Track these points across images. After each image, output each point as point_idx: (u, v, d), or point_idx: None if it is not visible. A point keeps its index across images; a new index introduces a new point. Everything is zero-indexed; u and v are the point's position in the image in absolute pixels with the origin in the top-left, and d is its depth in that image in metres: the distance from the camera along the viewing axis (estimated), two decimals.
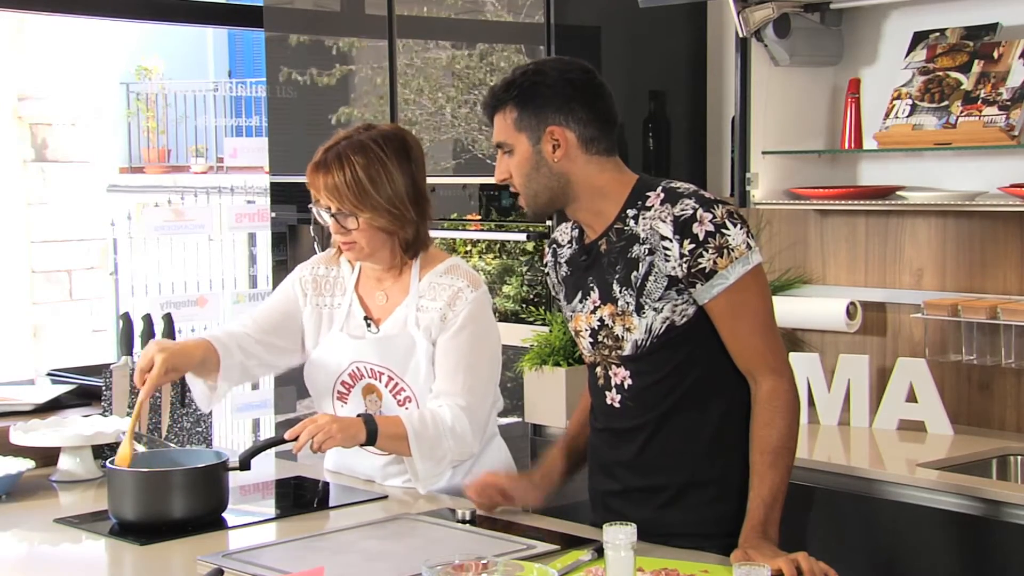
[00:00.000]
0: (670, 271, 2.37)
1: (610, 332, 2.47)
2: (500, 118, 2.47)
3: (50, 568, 2.54)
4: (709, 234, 2.34)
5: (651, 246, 2.39)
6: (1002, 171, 3.62)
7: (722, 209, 2.37)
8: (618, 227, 2.46)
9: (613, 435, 2.53)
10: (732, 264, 2.35)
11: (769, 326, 2.41)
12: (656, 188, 2.44)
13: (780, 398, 2.39)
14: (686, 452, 2.45)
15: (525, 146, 2.45)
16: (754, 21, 3.82)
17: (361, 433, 2.72)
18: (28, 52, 8.15)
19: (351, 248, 2.86)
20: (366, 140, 2.82)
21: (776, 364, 2.40)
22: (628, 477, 2.52)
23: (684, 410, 2.44)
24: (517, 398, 4.09)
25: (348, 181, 2.78)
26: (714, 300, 2.37)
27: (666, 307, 2.39)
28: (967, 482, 3.12)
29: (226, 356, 2.89)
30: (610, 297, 2.46)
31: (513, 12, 4.18)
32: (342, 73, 4.77)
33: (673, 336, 2.41)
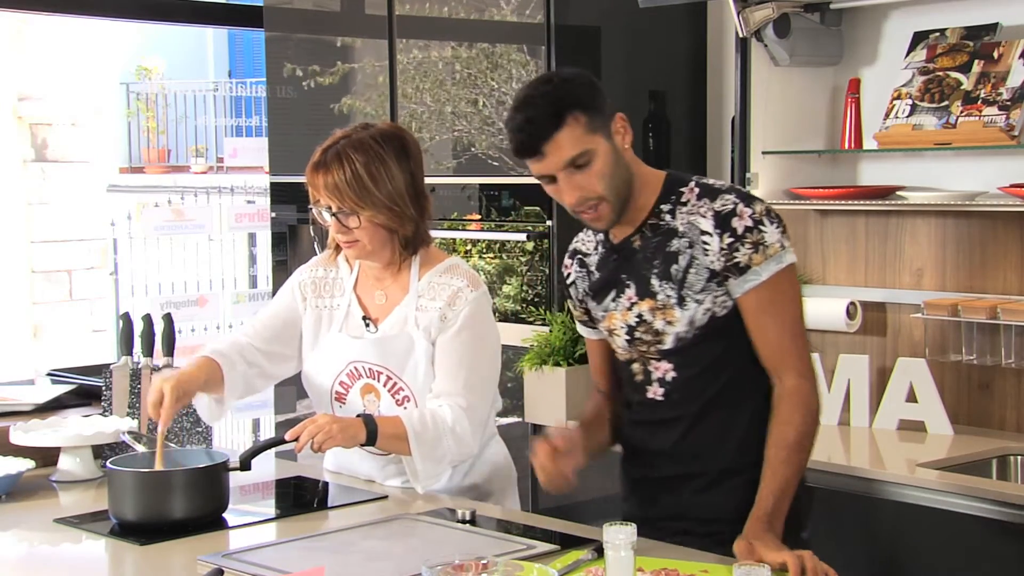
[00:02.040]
0: (710, 264, 2.38)
1: (649, 327, 2.46)
2: (567, 134, 2.35)
3: (50, 568, 2.54)
4: (747, 229, 2.36)
5: (691, 240, 2.40)
6: (1002, 171, 3.62)
7: (761, 206, 2.39)
8: (652, 222, 2.46)
9: (652, 425, 2.54)
10: (766, 261, 2.36)
11: (797, 326, 2.42)
12: (688, 183, 2.45)
13: (801, 397, 2.40)
14: (725, 439, 2.46)
15: (604, 146, 2.38)
16: (754, 21, 3.82)
17: (361, 433, 2.72)
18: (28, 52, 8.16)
19: (352, 247, 2.86)
20: (365, 138, 2.83)
21: (800, 366, 2.41)
22: (666, 465, 2.53)
23: (725, 398, 2.46)
24: (517, 398, 4.09)
25: (349, 179, 2.78)
26: (745, 295, 2.38)
27: (708, 298, 2.40)
28: (967, 482, 3.12)
29: (230, 370, 2.90)
30: (648, 292, 2.45)
31: (513, 12, 4.18)
32: (344, 71, 4.77)
33: (715, 327, 2.42)
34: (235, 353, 2.93)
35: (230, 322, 7.04)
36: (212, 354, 2.91)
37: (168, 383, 2.78)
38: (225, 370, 2.89)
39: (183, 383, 2.81)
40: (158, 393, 2.78)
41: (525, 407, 4.07)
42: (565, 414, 3.94)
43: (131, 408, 3.22)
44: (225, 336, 3.12)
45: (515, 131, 2.38)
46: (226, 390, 2.90)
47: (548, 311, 4.07)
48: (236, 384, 2.92)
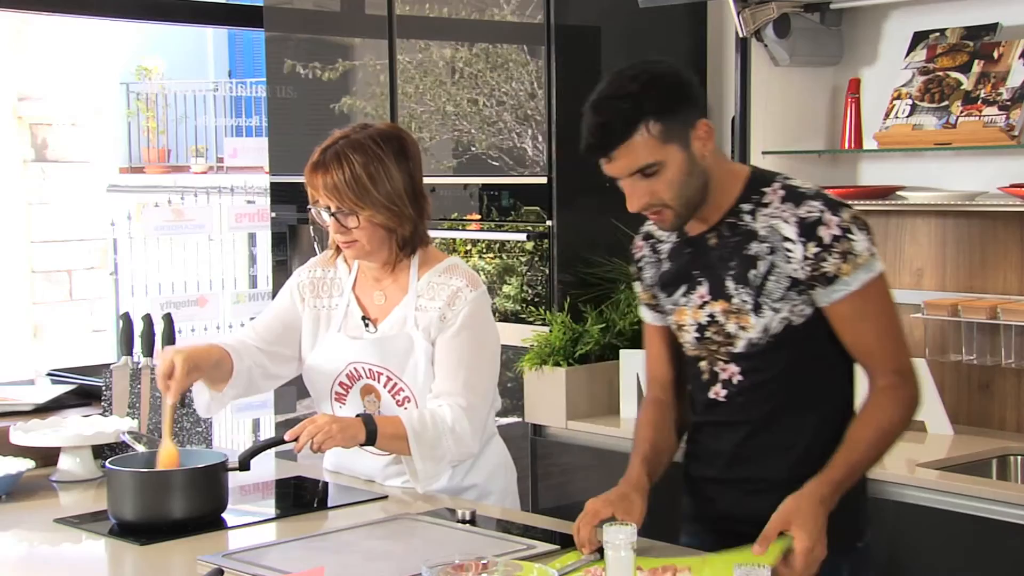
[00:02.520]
0: (792, 272, 2.30)
1: (720, 329, 2.39)
2: (639, 142, 2.27)
3: (50, 568, 2.54)
4: (835, 238, 2.27)
5: (772, 245, 2.32)
6: (1002, 171, 3.62)
7: (848, 213, 2.30)
8: (731, 221, 2.37)
9: (715, 427, 2.47)
10: (855, 270, 2.28)
11: (893, 330, 2.36)
12: (773, 183, 2.37)
13: (899, 392, 2.33)
14: (788, 449, 2.39)
15: (678, 155, 2.30)
16: (754, 21, 3.83)
17: (361, 433, 2.72)
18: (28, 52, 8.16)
19: (351, 247, 2.86)
20: (364, 138, 2.83)
21: (899, 366, 2.35)
22: (727, 467, 2.46)
23: (790, 408, 2.39)
24: (517, 398, 4.09)
25: (348, 179, 2.78)
26: (835, 304, 2.31)
27: (785, 307, 2.33)
28: (967, 482, 3.12)
29: (238, 361, 2.91)
30: (723, 294, 2.38)
31: (513, 12, 4.18)
32: (345, 68, 4.77)
33: (789, 336, 2.34)
34: (242, 348, 2.94)
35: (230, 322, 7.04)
36: (221, 344, 2.92)
37: (180, 355, 2.76)
38: (234, 359, 2.90)
39: (195, 357, 2.79)
40: (169, 364, 2.75)
41: (525, 407, 4.07)
42: (565, 414, 3.95)
43: (131, 408, 3.22)
44: (229, 335, 3.12)
45: (587, 131, 2.31)
46: (232, 380, 2.89)
47: (548, 311, 4.07)
48: (242, 376, 2.92)
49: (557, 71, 4.05)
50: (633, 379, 3.94)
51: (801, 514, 2.19)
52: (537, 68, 4.10)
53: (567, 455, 4.05)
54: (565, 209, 4.09)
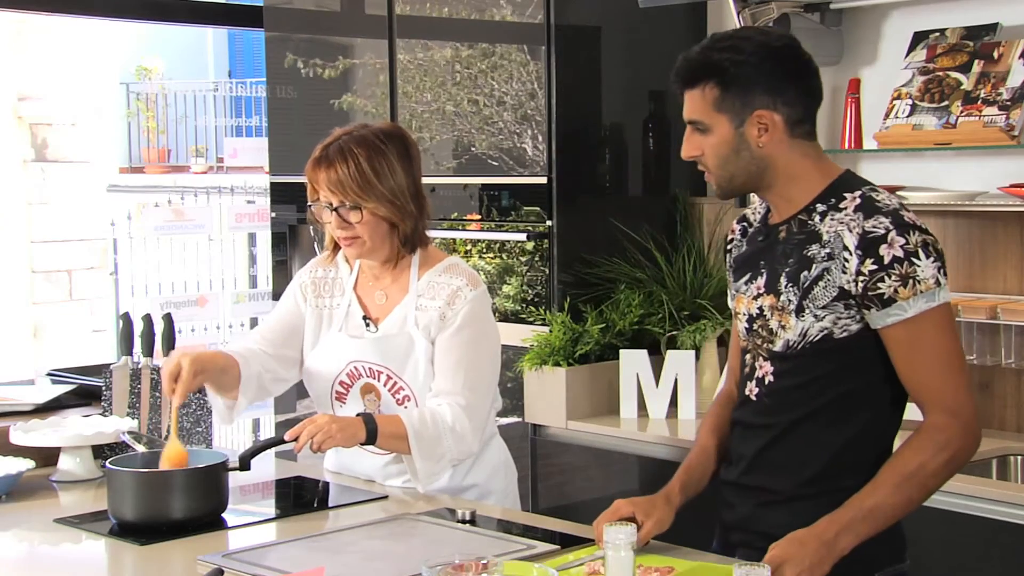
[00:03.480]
0: (844, 284, 2.22)
1: (765, 323, 2.33)
2: (697, 96, 2.28)
3: (50, 568, 2.54)
4: (896, 259, 2.18)
5: (831, 251, 2.24)
6: (1002, 171, 3.62)
7: (918, 236, 2.19)
8: (802, 218, 2.30)
9: (743, 428, 2.41)
10: (915, 297, 2.18)
11: (951, 365, 2.22)
12: (856, 191, 2.27)
13: (943, 434, 2.20)
14: (808, 462, 2.30)
15: (726, 128, 2.27)
16: (754, 21, 3.82)
17: (361, 432, 2.73)
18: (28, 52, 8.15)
19: (352, 243, 2.86)
20: (367, 134, 2.84)
21: (953, 405, 2.21)
22: (744, 472, 2.40)
23: (816, 422, 2.29)
24: (517, 398, 4.09)
25: (352, 173, 2.79)
26: (888, 328, 2.21)
27: (828, 317, 2.24)
28: (967, 482, 3.12)
29: (245, 367, 2.92)
30: (774, 288, 2.31)
31: (513, 12, 4.18)
32: (345, 66, 4.77)
33: (827, 348, 2.25)
34: (250, 355, 2.96)
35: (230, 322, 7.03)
36: (228, 351, 2.94)
37: (187, 357, 2.77)
38: (241, 365, 2.91)
39: (201, 360, 2.80)
40: (176, 365, 2.76)
41: (525, 407, 4.07)
42: (565, 414, 3.95)
43: (131, 408, 3.22)
44: (235, 343, 3.13)
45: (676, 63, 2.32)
46: (241, 387, 2.91)
47: (548, 311, 4.07)
48: (251, 382, 2.93)
49: (557, 71, 4.06)
50: (633, 379, 3.94)
51: (794, 549, 2.12)
52: (537, 68, 4.10)
53: (567, 455, 4.05)
54: (565, 209, 4.09)
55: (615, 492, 4.01)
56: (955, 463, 2.22)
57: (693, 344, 3.95)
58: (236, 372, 2.91)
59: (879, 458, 2.27)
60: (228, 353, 2.93)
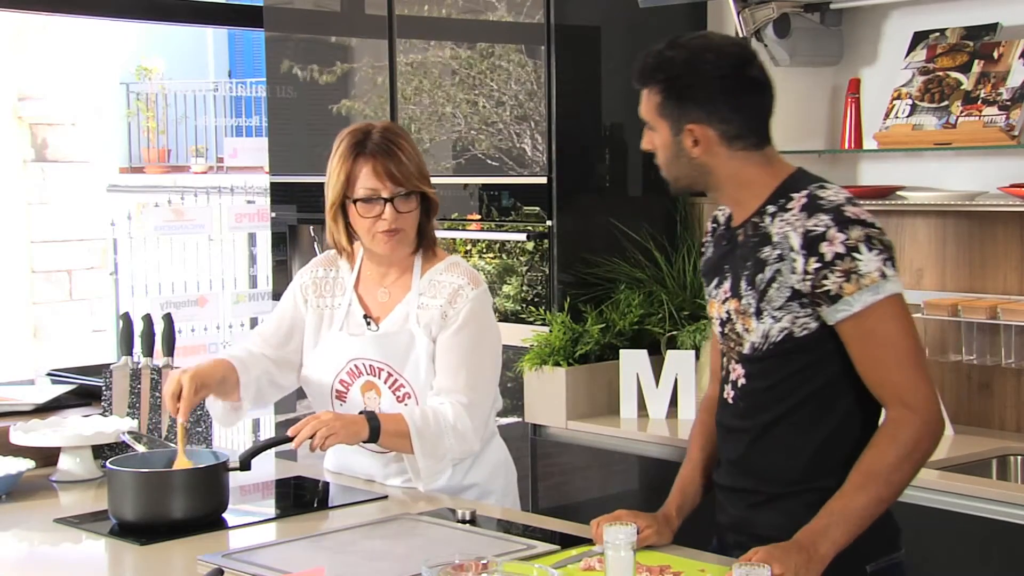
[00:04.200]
0: (794, 284, 2.24)
1: (733, 327, 2.37)
2: (646, 96, 2.36)
3: (50, 568, 2.54)
4: (838, 255, 2.19)
5: (780, 252, 2.26)
6: (1002, 171, 3.62)
7: (860, 231, 2.20)
8: (755, 221, 2.33)
9: (723, 430, 2.45)
10: (860, 291, 2.19)
11: (905, 358, 2.22)
12: (803, 190, 2.28)
13: (902, 429, 2.21)
14: (790, 461, 2.33)
15: (665, 133, 2.34)
16: (754, 21, 3.83)
17: (364, 430, 2.73)
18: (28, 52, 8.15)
19: (394, 235, 2.84)
20: (390, 126, 2.91)
21: (910, 398, 2.22)
22: (731, 474, 2.43)
23: (791, 421, 2.32)
24: (517, 398, 4.09)
25: (411, 158, 2.85)
26: (841, 324, 2.23)
27: (786, 317, 2.27)
28: (967, 482, 3.12)
29: (243, 372, 2.93)
30: (737, 292, 2.35)
31: (513, 12, 4.18)
32: (343, 70, 4.77)
33: (790, 347, 2.28)
34: (249, 359, 2.97)
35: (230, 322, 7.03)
36: (227, 357, 2.95)
37: (186, 375, 2.79)
38: (240, 371, 2.91)
39: (201, 376, 2.82)
40: (176, 384, 2.78)
41: (525, 407, 4.07)
42: (565, 414, 3.95)
43: (131, 408, 3.22)
44: (235, 346, 3.14)
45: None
46: (241, 392, 2.92)
47: (548, 311, 4.07)
48: (250, 387, 2.94)
49: (557, 71, 4.06)
50: (633, 379, 3.94)
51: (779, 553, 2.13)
52: (537, 68, 4.10)
53: (567, 455, 4.05)
54: (565, 209, 4.09)
55: (615, 492, 4.01)
56: (917, 457, 2.23)
57: (693, 344, 3.95)
58: (234, 379, 2.92)
59: (856, 455, 2.28)
60: (227, 359, 2.94)
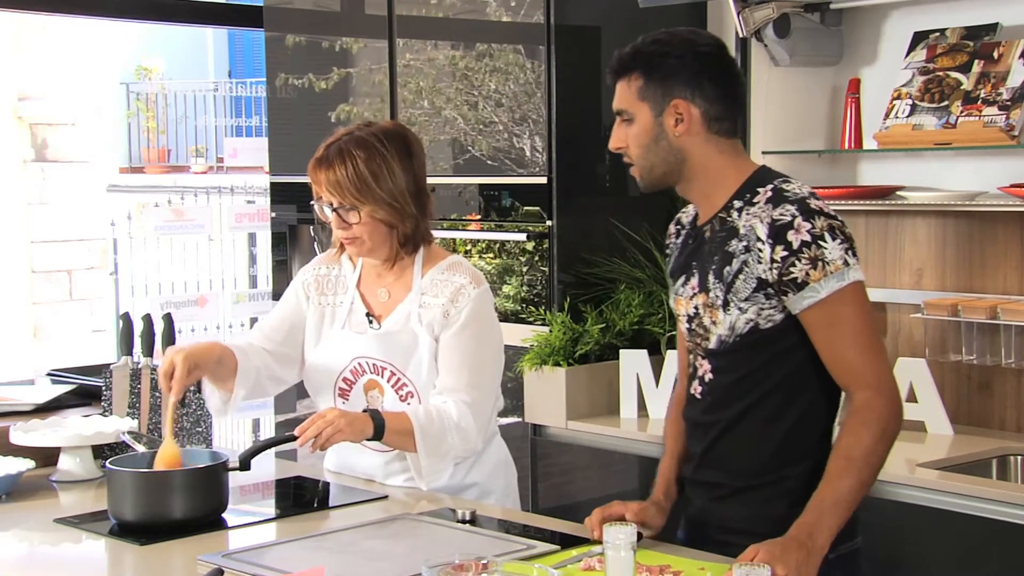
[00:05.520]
0: (761, 273, 2.30)
1: (700, 322, 2.41)
2: (624, 85, 2.41)
3: (50, 568, 2.54)
4: (804, 244, 2.26)
5: (747, 244, 2.32)
6: (1002, 171, 3.62)
7: (824, 221, 2.28)
8: (722, 216, 2.38)
9: (692, 425, 2.50)
10: (826, 278, 2.26)
11: (867, 342, 2.30)
12: (768, 184, 2.35)
13: (872, 412, 2.27)
14: (752, 456, 2.39)
15: (647, 116, 2.39)
16: (754, 21, 3.83)
17: (368, 428, 2.73)
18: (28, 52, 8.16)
19: (352, 243, 2.87)
20: (367, 136, 2.85)
21: (874, 380, 2.29)
22: (698, 467, 2.48)
23: (757, 414, 2.38)
24: (517, 398, 4.09)
25: (350, 175, 2.80)
26: (805, 312, 2.29)
27: (751, 308, 2.32)
28: (967, 482, 3.12)
29: (243, 359, 2.92)
30: (705, 286, 2.39)
31: (513, 12, 4.18)
32: (340, 76, 4.77)
33: (756, 339, 2.34)
34: (249, 349, 2.96)
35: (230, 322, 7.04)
36: (226, 344, 2.94)
37: (180, 354, 2.79)
38: (239, 358, 2.91)
39: (195, 355, 2.81)
40: (169, 364, 2.78)
41: (525, 407, 4.07)
42: (565, 414, 3.95)
43: (131, 408, 3.22)
44: (236, 338, 3.13)
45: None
46: (238, 379, 2.91)
47: (548, 311, 4.07)
48: (248, 376, 2.92)
49: (557, 71, 4.06)
50: (633, 379, 3.94)
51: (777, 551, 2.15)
52: (536, 68, 4.10)
53: (567, 455, 4.05)
54: (565, 209, 4.10)
55: (615, 492, 4.01)
56: (888, 436, 2.30)
57: None
58: (232, 363, 2.90)
59: (819, 444, 2.37)
60: (225, 344, 2.93)
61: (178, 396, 2.77)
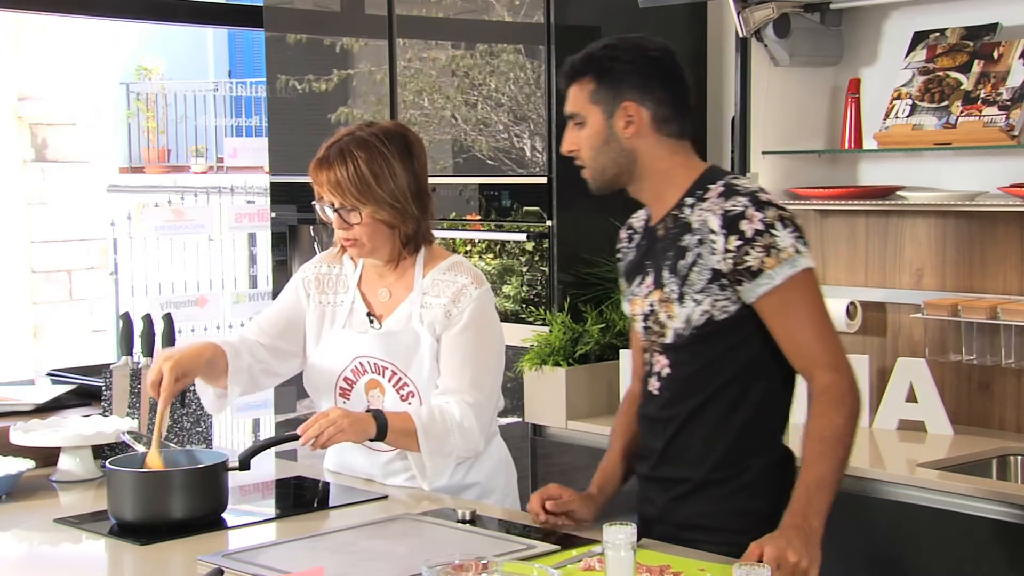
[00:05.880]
0: (715, 264, 2.37)
1: (656, 318, 2.47)
2: (576, 89, 2.49)
3: (50, 568, 2.54)
4: (757, 232, 2.33)
5: (700, 237, 2.39)
6: (1002, 171, 3.62)
7: (774, 211, 2.36)
8: (675, 214, 2.46)
9: (650, 422, 2.55)
10: (779, 265, 2.33)
11: (822, 325, 2.38)
12: (719, 181, 2.43)
13: (836, 391, 2.35)
14: (712, 447, 2.44)
15: (598, 119, 2.46)
16: (754, 21, 3.82)
17: (371, 427, 2.73)
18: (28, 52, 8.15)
19: (353, 244, 2.87)
20: (368, 136, 2.85)
21: (833, 361, 2.37)
22: (657, 464, 2.53)
23: (714, 406, 2.44)
24: (517, 398, 4.09)
25: (351, 176, 2.80)
26: (761, 299, 2.35)
27: (706, 300, 2.39)
28: (967, 482, 3.12)
29: (234, 358, 2.91)
30: (660, 283, 2.46)
31: (513, 12, 4.18)
32: (340, 78, 4.77)
33: (711, 331, 2.40)
34: (241, 346, 2.95)
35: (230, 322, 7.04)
36: (218, 342, 2.93)
37: (168, 363, 2.78)
38: (230, 357, 2.90)
39: (183, 363, 2.81)
40: (157, 373, 2.78)
41: (525, 407, 4.07)
42: (565, 414, 3.95)
43: (131, 408, 3.22)
44: (233, 333, 3.13)
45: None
46: (230, 378, 2.90)
47: (548, 311, 4.07)
48: (240, 374, 2.92)
49: (557, 71, 4.05)
50: None
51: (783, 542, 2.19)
52: (536, 68, 4.10)
53: (567, 455, 4.05)
54: (565, 209, 4.10)
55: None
56: (855, 414, 2.37)
57: None
58: (224, 362, 2.90)
59: (776, 436, 2.47)
60: (217, 344, 2.92)
61: (165, 405, 2.77)
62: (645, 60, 2.45)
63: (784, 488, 2.38)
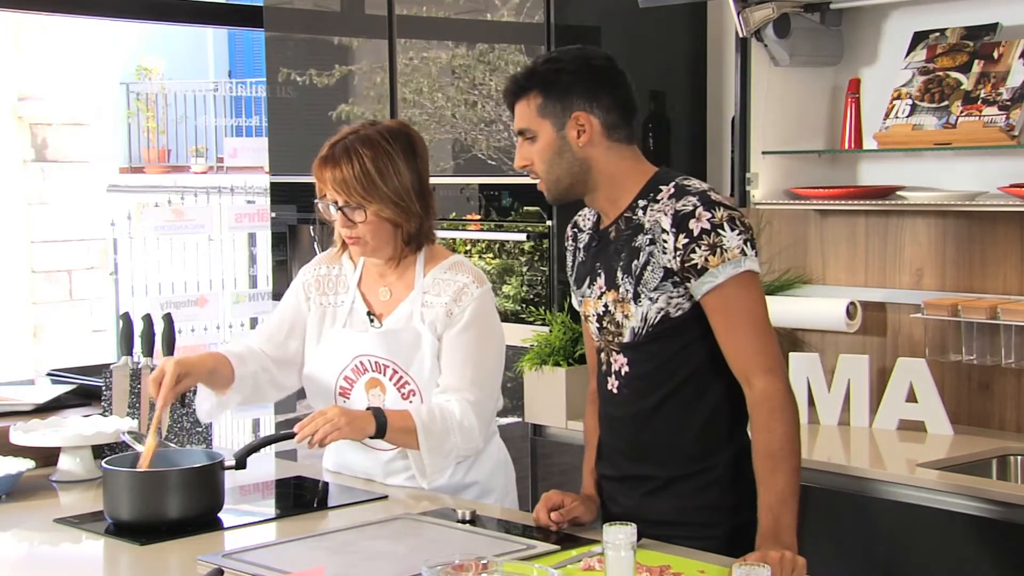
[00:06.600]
0: (666, 263, 2.40)
1: (612, 318, 2.50)
2: (523, 105, 2.51)
3: (50, 568, 2.54)
4: (704, 231, 2.37)
5: (652, 237, 2.43)
6: (1002, 171, 3.62)
7: (724, 212, 2.39)
8: (628, 216, 2.49)
9: (611, 421, 2.58)
10: (723, 264, 2.36)
11: (761, 327, 2.41)
12: (670, 183, 2.47)
13: (775, 399, 2.38)
14: (675, 444, 2.48)
15: (549, 132, 2.49)
16: (754, 21, 3.82)
17: (370, 426, 2.73)
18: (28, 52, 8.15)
19: (356, 243, 2.87)
20: (372, 134, 2.86)
21: (767, 363, 2.39)
22: (622, 464, 2.56)
23: (676, 402, 2.47)
24: (517, 398, 4.09)
25: (356, 174, 2.80)
26: (705, 296, 2.39)
27: (661, 298, 2.42)
28: (967, 482, 3.12)
29: (240, 365, 2.93)
30: (614, 284, 2.49)
31: (513, 12, 4.18)
32: (342, 73, 4.77)
33: (667, 328, 2.44)
34: (247, 354, 2.96)
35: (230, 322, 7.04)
36: (224, 351, 2.94)
37: (171, 361, 2.80)
38: (235, 365, 2.91)
39: (186, 364, 2.83)
40: (160, 371, 2.79)
41: (525, 407, 4.07)
42: (565, 414, 3.95)
43: (131, 408, 3.22)
44: (235, 342, 3.14)
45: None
46: (235, 385, 2.91)
47: (548, 311, 4.07)
48: (245, 382, 2.93)
49: None
50: None
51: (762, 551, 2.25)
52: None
53: (567, 455, 4.05)
54: (565, 209, 4.08)
55: None
56: (795, 419, 2.39)
57: None
58: (228, 372, 2.91)
59: (739, 428, 2.49)
60: (222, 353, 2.94)
61: (164, 405, 2.77)
62: (588, 69, 2.48)
63: (749, 480, 2.41)
